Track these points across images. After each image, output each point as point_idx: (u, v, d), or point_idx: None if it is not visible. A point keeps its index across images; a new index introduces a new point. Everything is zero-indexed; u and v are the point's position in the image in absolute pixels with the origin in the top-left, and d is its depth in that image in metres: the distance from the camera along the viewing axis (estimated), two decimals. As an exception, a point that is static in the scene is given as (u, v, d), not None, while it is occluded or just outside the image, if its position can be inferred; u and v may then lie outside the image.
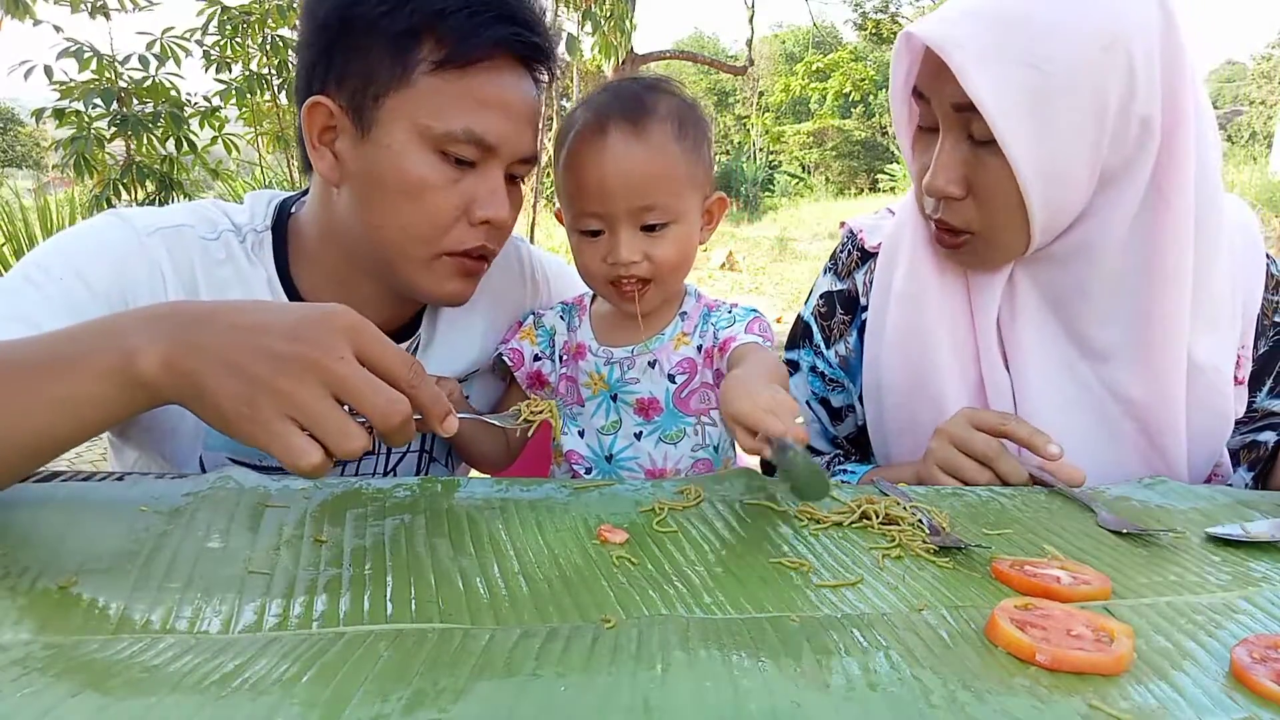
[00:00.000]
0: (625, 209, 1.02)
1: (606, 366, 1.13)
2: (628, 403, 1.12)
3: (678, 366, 1.12)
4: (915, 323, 1.14)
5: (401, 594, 0.63)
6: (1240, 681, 0.55)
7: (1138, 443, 1.08)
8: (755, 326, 1.11)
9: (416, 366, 0.72)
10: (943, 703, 0.50)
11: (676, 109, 1.05)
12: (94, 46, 4.28)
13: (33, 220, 5.60)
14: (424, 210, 0.98)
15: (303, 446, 0.66)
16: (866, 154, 36.12)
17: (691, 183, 1.05)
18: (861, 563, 0.72)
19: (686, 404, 1.12)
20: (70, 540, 0.71)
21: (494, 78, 0.97)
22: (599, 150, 1.02)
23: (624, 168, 1.01)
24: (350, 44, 0.97)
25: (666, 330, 1.13)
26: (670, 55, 11.03)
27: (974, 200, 1.02)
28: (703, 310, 1.15)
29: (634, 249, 1.03)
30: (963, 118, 0.98)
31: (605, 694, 0.50)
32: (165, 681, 0.50)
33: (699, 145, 1.06)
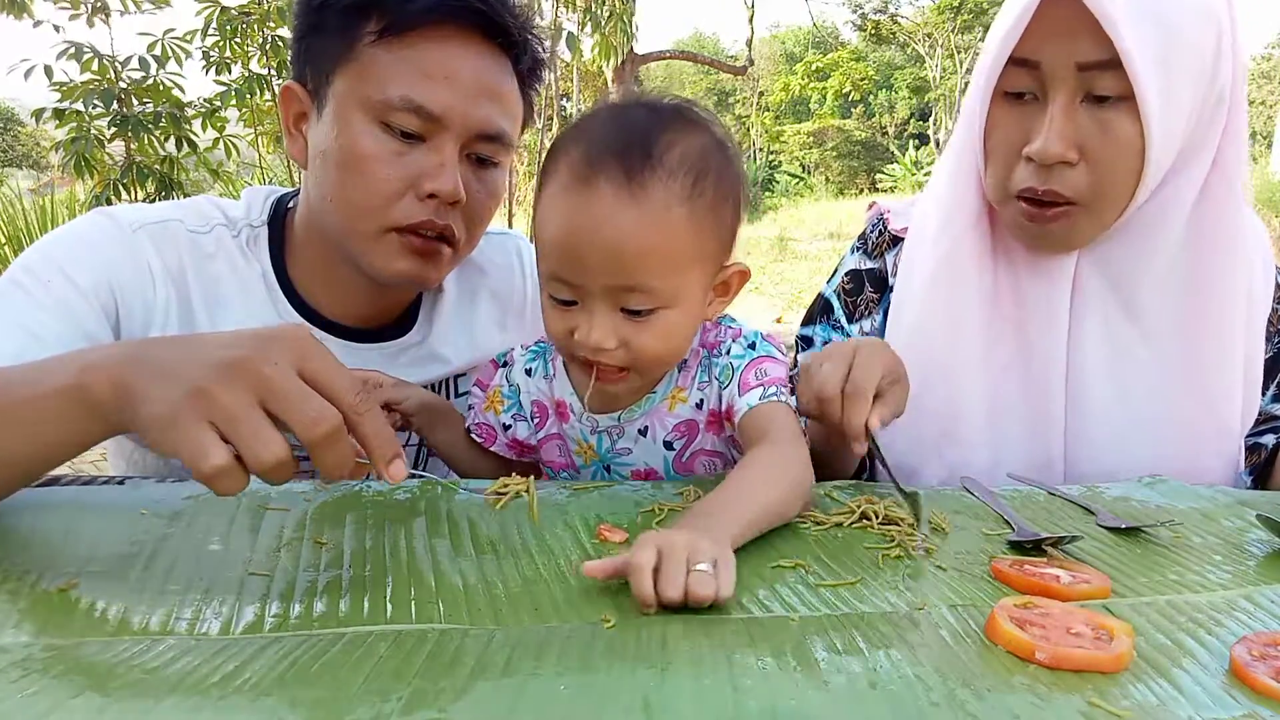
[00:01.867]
0: (603, 286, 0.82)
1: (593, 435, 0.98)
2: (623, 474, 0.98)
3: (675, 432, 0.95)
4: (942, 310, 1.12)
5: (401, 595, 0.63)
6: (1240, 679, 0.55)
7: (1197, 417, 1.08)
8: (756, 373, 0.91)
9: (368, 395, 0.65)
10: (943, 701, 0.50)
11: (696, 155, 0.83)
12: (94, 47, 4.28)
13: (33, 220, 5.60)
14: (365, 182, 0.97)
15: (206, 446, 0.59)
16: (866, 154, 36.12)
17: (699, 257, 0.85)
18: (861, 563, 0.72)
19: (690, 468, 0.97)
20: (71, 543, 0.71)
21: (439, 47, 0.95)
22: (579, 205, 0.80)
23: (607, 236, 0.79)
24: (313, 26, 0.99)
25: (659, 389, 0.95)
26: (670, 55, 11.03)
27: (1087, 166, 0.99)
28: (703, 355, 0.96)
29: (608, 333, 0.83)
30: (1086, 77, 0.96)
31: (605, 694, 0.50)
32: (165, 683, 0.50)
33: (719, 205, 0.85)
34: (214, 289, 1.05)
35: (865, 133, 36.42)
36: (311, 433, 0.61)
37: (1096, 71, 0.95)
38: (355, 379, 0.65)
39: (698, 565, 0.61)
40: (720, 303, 0.92)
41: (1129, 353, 1.08)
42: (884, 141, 36.51)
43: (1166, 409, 1.07)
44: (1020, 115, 1.02)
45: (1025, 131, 1.01)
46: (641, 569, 0.60)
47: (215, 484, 0.60)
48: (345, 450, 0.63)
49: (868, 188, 32.70)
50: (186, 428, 0.60)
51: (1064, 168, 0.99)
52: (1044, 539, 0.77)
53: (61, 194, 5.85)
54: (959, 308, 1.11)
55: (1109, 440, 1.08)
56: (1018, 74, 1.01)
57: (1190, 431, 1.07)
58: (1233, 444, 1.08)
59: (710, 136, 0.86)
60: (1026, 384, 1.11)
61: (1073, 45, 0.96)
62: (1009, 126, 1.03)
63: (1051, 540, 0.77)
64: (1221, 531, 0.84)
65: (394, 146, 0.96)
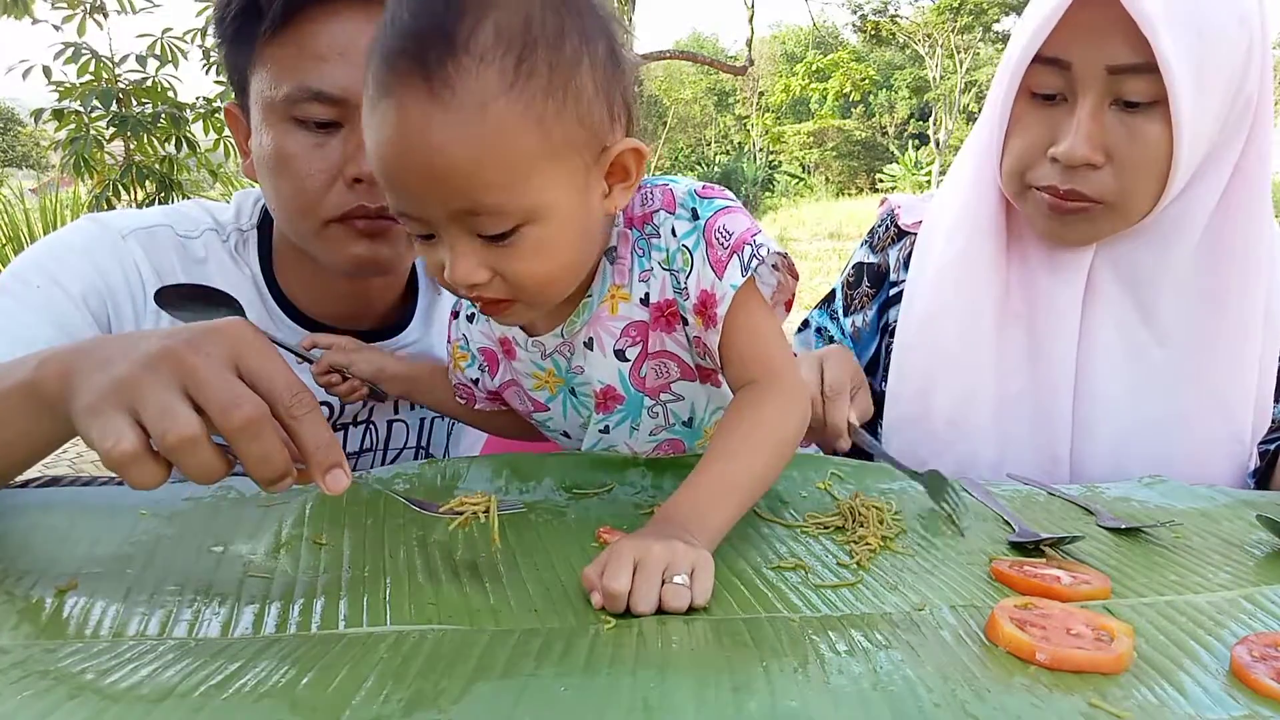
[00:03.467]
0: (442, 214, 0.69)
1: (546, 360, 0.89)
2: (587, 394, 0.89)
3: (624, 337, 0.84)
4: (954, 303, 1.13)
5: (401, 596, 0.63)
6: (1240, 680, 0.55)
7: (1208, 421, 1.08)
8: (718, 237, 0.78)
9: (304, 397, 0.61)
10: (943, 702, 0.50)
11: (519, 22, 0.66)
12: (92, 48, 4.28)
13: (34, 220, 5.61)
14: (292, 181, 0.95)
15: (116, 430, 0.56)
16: (866, 154, 36.12)
17: (551, 153, 0.68)
18: (862, 563, 0.72)
19: (644, 383, 0.87)
20: (70, 544, 0.71)
21: (328, 27, 0.92)
22: (384, 125, 0.66)
23: (418, 159, 0.66)
24: (225, 39, 0.99)
25: (593, 289, 0.83)
26: (670, 55, 11.02)
27: (1112, 168, 0.99)
28: (633, 236, 0.82)
29: (472, 266, 0.70)
30: (1115, 80, 0.96)
31: (605, 694, 0.50)
32: (165, 684, 0.50)
33: (566, 78, 0.67)
34: None
35: (865, 133, 36.41)
36: (227, 419, 0.57)
37: (1127, 75, 0.95)
38: (294, 380, 0.62)
39: (674, 578, 0.61)
40: (622, 190, 0.75)
41: (1140, 353, 1.08)
42: (884, 141, 36.52)
43: (1175, 410, 1.07)
44: (1046, 115, 1.02)
45: (1051, 131, 1.01)
46: (618, 596, 0.60)
47: (125, 473, 0.57)
48: (270, 445, 0.59)
49: (868, 188, 32.70)
50: (102, 410, 0.58)
51: (1088, 170, 1.00)
52: (1044, 539, 0.77)
53: (64, 194, 5.85)
54: (971, 301, 1.12)
55: (1116, 439, 1.08)
56: (1045, 73, 1.00)
57: (1199, 434, 1.07)
58: (1243, 449, 1.08)
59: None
60: (1035, 380, 1.11)
61: (1105, 48, 0.95)
62: (1034, 126, 1.03)
63: (1051, 541, 0.77)
64: (1222, 532, 0.84)
65: (310, 140, 0.94)
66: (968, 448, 1.10)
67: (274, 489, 0.61)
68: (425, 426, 1.20)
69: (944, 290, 1.14)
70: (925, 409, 1.14)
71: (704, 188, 0.82)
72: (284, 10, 0.91)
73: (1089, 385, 1.09)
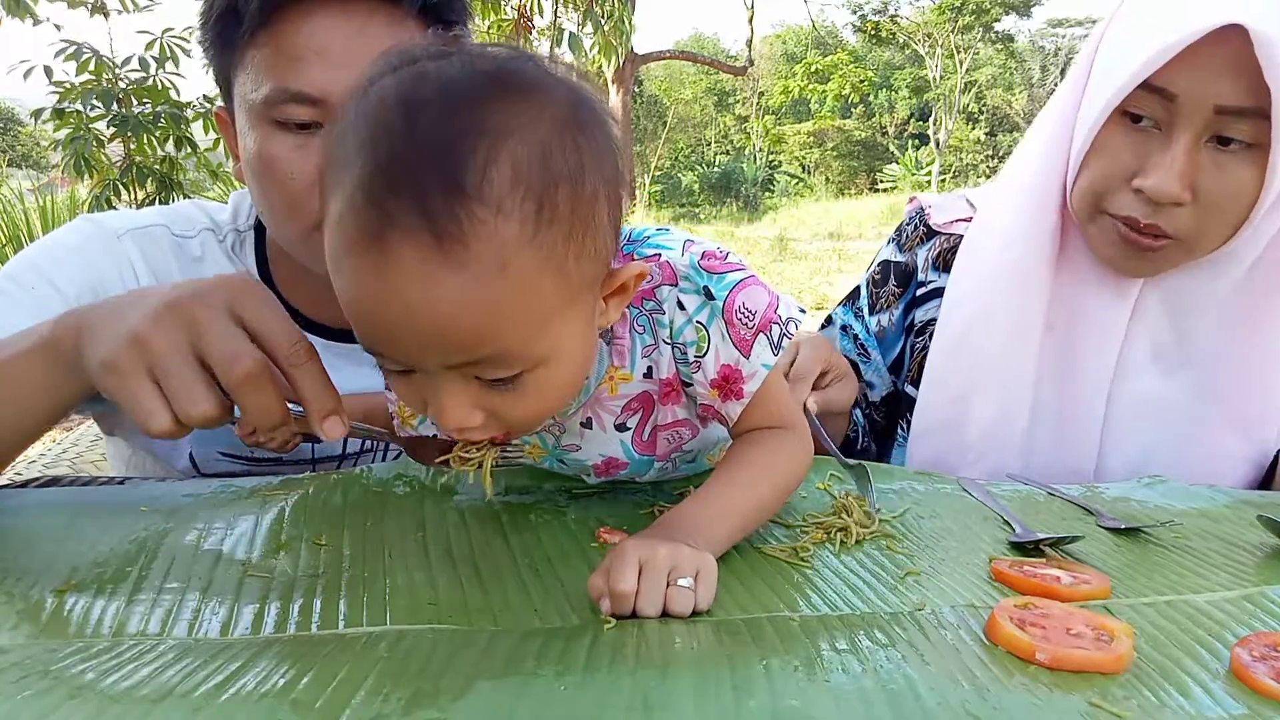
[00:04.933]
0: (440, 364, 0.60)
1: (533, 436, 0.83)
2: (583, 466, 0.84)
3: (625, 412, 0.79)
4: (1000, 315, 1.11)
5: (401, 595, 0.63)
6: (1240, 680, 0.55)
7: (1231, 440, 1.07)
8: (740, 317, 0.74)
9: (303, 347, 0.64)
10: (943, 701, 0.50)
11: (536, 159, 0.56)
12: (92, 47, 4.28)
13: (34, 220, 5.61)
14: (275, 186, 0.94)
15: (152, 409, 0.63)
16: (866, 154, 36.11)
17: (568, 299, 0.61)
18: (866, 563, 0.72)
19: (652, 446, 0.82)
20: (70, 544, 0.71)
21: (304, 27, 0.91)
22: (372, 275, 0.56)
23: (422, 322, 0.56)
24: (210, 43, 0.99)
25: (589, 374, 0.75)
26: (670, 55, 11.04)
27: (1195, 206, 0.96)
28: (631, 316, 0.75)
29: (466, 411, 0.62)
30: (1219, 119, 0.93)
31: (605, 694, 0.50)
32: (165, 684, 0.50)
33: (587, 216, 0.60)
34: None
35: (865, 133, 36.40)
36: (229, 373, 0.62)
37: (1231, 117, 0.92)
38: (293, 330, 0.64)
39: (679, 580, 0.61)
40: (616, 305, 0.68)
41: (1172, 373, 1.08)
42: (884, 141, 36.52)
43: (1201, 429, 1.07)
44: (1136, 140, 0.98)
45: (1139, 159, 0.98)
46: (625, 597, 0.60)
47: (157, 438, 0.64)
48: (269, 397, 0.63)
49: (867, 188, 32.71)
50: (128, 379, 0.63)
51: (1172, 206, 0.96)
52: (1044, 539, 0.77)
53: (63, 194, 5.86)
54: (1018, 315, 1.10)
55: (1139, 455, 1.08)
56: (1147, 99, 0.96)
57: (1222, 453, 1.08)
58: (1261, 465, 1.08)
59: (553, 110, 0.58)
60: (1065, 393, 1.11)
61: (1218, 86, 0.92)
62: (1121, 150, 0.99)
63: (1051, 541, 0.77)
64: (1222, 532, 0.84)
65: (292, 142, 0.93)
66: (999, 458, 1.10)
67: (271, 439, 0.65)
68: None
69: (990, 299, 1.12)
70: (960, 418, 1.13)
71: (703, 256, 0.75)
72: (260, 11, 0.91)
73: (1119, 402, 1.09)
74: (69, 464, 3.30)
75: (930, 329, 1.19)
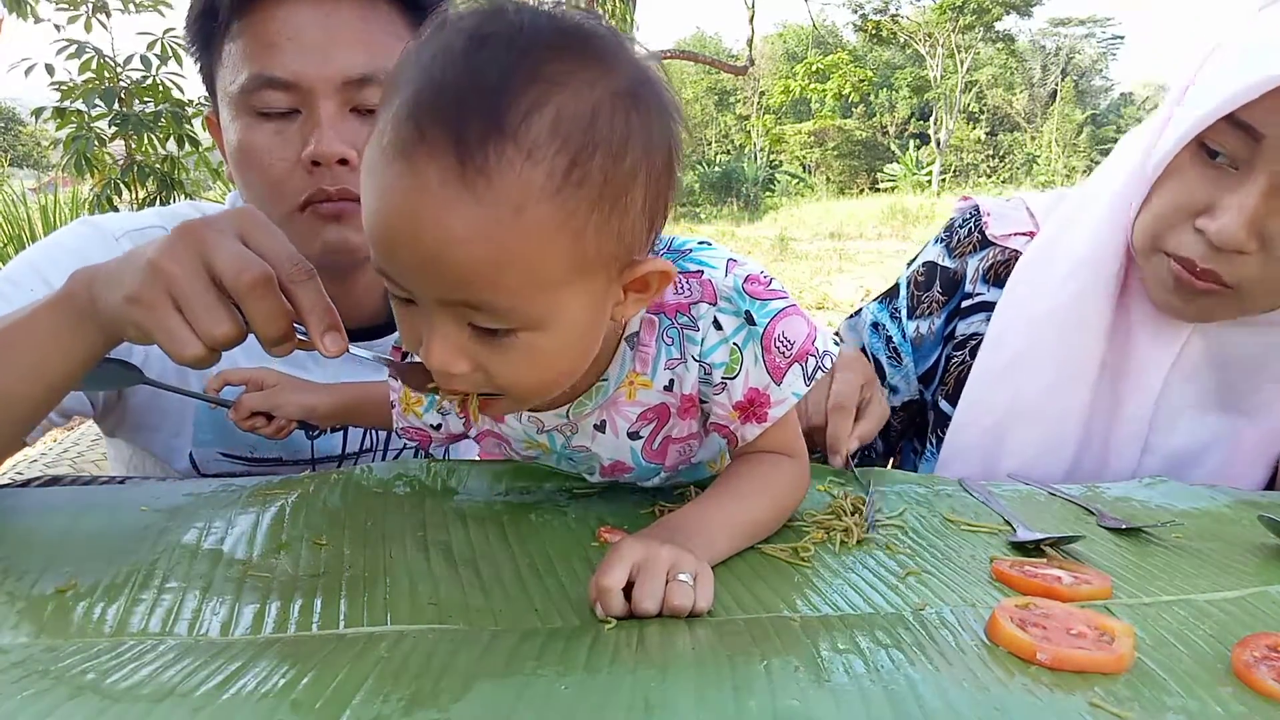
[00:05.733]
0: (434, 296, 0.60)
1: (542, 435, 0.81)
2: (589, 466, 0.85)
3: (640, 420, 0.78)
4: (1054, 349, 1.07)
5: (401, 595, 0.63)
6: (1241, 680, 0.55)
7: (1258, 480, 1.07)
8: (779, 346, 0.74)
9: (304, 266, 0.69)
10: (944, 702, 0.50)
11: (583, 119, 0.56)
12: (94, 46, 4.28)
13: (35, 219, 5.61)
14: (257, 173, 0.96)
15: (184, 337, 0.67)
16: (867, 153, 36.14)
17: (580, 268, 0.59)
18: (866, 563, 0.72)
19: (662, 455, 0.82)
20: (71, 543, 0.71)
21: (275, 14, 0.94)
22: (394, 187, 0.56)
23: (428, 241, 0.56)
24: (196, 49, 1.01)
25: (609, 373, 0.76)
26: (671, 55, 11.03)
27: (1260, 254, 0.90)
28: (661, 322, 0.75)
29: (454, 354, 0.61)
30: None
31: (605, 694, 0.50)
32: (165, 684, 0.50)
33: (620, 190, 0.58)
34: None
35: (866, 132, 36.42)
36: (238, 281, 0.66)
37: None
38: (295, 252, 0.69)
39: (679, 575, 0.61)
40: (636, 301, 0.67)
41: (1213, 425, 1.06)
42: (884, 141, 36.52)
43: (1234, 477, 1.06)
44: (1208, 177, 0.92)
45: (1208, 197, 0.91)
46: (608, 591, 0.60)
47: (193, 366, 0.68)
48: (275, 305, 0.67)
49: (868, 187, 32.71)
50: (154, 309, 0.67)
51: (1234, 254, 0.90)
52: (1044, 539, 0.77)
53: (64, 194, 5.86)
54: (1071, 352, 1.06)
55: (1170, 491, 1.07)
56: (1229, 135, 0.89)
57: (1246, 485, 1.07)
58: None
59: (614, 80, 0.58)
60: (1110, 433, 1.08)
61: None
62: (1190, 185, 0.93)
63: (1052, 541, 0.77)
64: (1222, 532, 0.84)
65: (270, 128, 0.95)
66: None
67: (277, 350, 0.69)
68: None
69: (1044, 331, 1.08)
70: (996, 446, 1.09)
71: (748, 280, 0.75)
72: (234, 4, 0.93)
73: (1154, 451, 1.07)
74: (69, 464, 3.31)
75: (971, 343, 1.14)
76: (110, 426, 1.11)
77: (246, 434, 1.07)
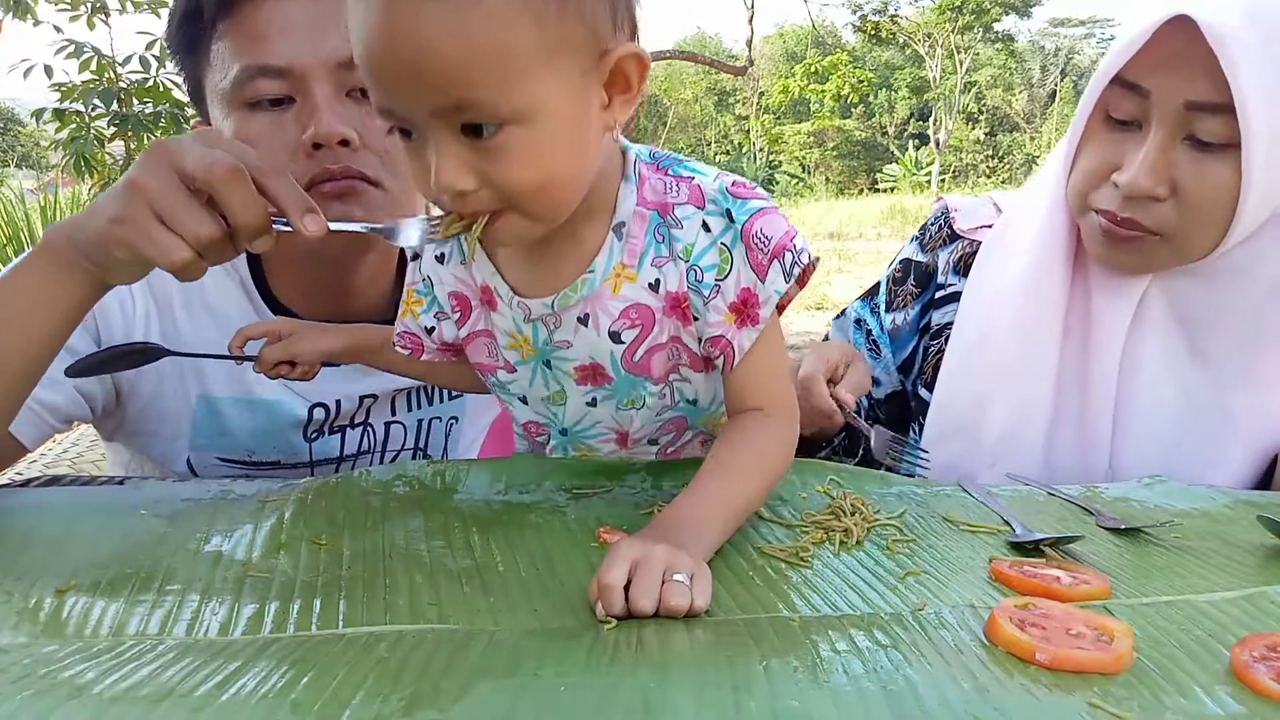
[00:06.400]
0: (426, 111, 0.65)
1: (527, 325, 0.83)
2: (565, 370, 0.84)
3: (622, 319, 0.80)
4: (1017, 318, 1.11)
5: (400, 596, 0.63)
6: (1240, 680, 0.55)
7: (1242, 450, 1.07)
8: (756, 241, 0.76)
9: (267, 162, 0.72)
10: (943, 702, 0.50)
11: None
12: (94, 46, 4.28)
13: (35, 219, 5.61)
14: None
15: (170, 242, 0.69)
16: (866, 154, 36.15)
17: (546, 52, 0.64)
18: (865, 563, 0.72)
19: (645, 367, 0.83)
20: (70, 544, 0.71)
21: (261, 7, 0.95)
22: (370, 11, 0.62)
23: (403, 49, 0.62)
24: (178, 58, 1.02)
25: (596, 264, 0.78)
26: (670, 55, 11.02)
27: (1175, 203, 0.97)
28: (651, 218, 0.78)
29: (459, 169, 0.66)
30: (1190, 116, 0.94)
31: (605, 694, 0.50)
32: (165, 684, 0.50)
33: None
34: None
35: (865, 133, 36.43)
36: (210, 175, 0.68)
37: (1204, 113, 0.93)
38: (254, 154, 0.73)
39: (675, 575, 0.61)
40: (623, 103, 0.70)
41: (1183, 384, 1.08)
42: (884, 141, 36.54)
43: (1212, 441, 1.07)
44: (1117, 139, 1.00)
45: (1118, 155, 0.99)
46: (611, 589, 0.60)
47: (183, 273, 0.71)
48: (249, 194, 0.70)
49: (867, 188, 32.72)
50: (138, 222, 0.69)
51: (1150, 201, 0.97)
52: (1044, 539, 0.77)
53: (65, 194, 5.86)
54: (1033, 319, 1.11)
55: (1150, 462, 1.08)
56: (1123, 97, 0.98)
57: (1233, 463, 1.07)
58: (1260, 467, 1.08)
59: None
60: (1083, 399, 1.11)
61: (1186, 82, 0.93)
62: (1102, 147, 1.02)
63: (1051, 541, 0.77)
64: (1222, 532, 0.84)
65: (266, 118, 0.96)
66: (1016, 462, 1.09)
67: (259, 243, 0.72)
68: (423, 428, 1.20)
69: (1009, 304, 1.12)
70: (977, 421, 1.13)
71: (734, 183, 0.79)
72: (220, 3, 0.94)
73: (1128, 408, 1.09)
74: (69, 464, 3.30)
75: (946, 333, 1.19)
76: (109, 430, 1.11)
77: (244, 439, 1.07)
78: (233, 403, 1.05)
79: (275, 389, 1.06)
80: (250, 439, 1.08)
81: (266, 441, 1.08)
